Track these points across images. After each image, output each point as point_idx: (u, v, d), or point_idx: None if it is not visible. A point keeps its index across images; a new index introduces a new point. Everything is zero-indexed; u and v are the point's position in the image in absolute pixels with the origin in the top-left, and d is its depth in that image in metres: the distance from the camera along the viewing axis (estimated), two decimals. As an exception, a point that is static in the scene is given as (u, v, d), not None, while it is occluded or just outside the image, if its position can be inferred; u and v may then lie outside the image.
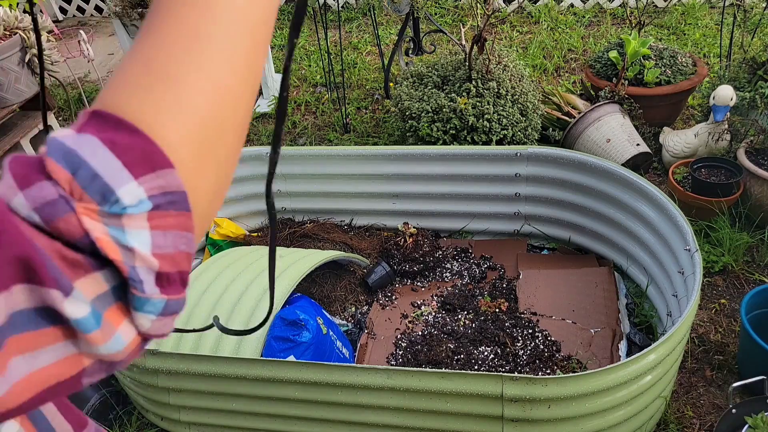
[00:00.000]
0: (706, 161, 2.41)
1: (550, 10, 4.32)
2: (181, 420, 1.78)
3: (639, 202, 2.02)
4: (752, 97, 2.44)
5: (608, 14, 4.22)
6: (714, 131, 2.46)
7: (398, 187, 2.39)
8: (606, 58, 2.90)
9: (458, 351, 1.96)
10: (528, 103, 2.53)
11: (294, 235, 2.44)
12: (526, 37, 4.09)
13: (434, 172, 2.32)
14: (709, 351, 1.95)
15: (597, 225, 2.22)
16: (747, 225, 2.31)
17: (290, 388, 1.58)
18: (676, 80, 2.78)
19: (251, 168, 2.45)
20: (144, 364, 1.65)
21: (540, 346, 1.94)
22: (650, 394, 1.54)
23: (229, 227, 2.43)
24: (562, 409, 1.43)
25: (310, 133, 3.33)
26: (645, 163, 2.63)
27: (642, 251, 2.06)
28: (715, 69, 3.17)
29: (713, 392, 1.84)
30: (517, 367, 1.89)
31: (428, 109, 2.49)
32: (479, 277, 2.30)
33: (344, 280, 2.28)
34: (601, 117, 2.62)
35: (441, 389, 1.46)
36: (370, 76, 3.78)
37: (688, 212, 2.24)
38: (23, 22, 2.64)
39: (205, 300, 1.88)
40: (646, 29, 3.71)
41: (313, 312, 1.87)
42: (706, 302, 2.11)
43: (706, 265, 2.21)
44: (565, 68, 3.67)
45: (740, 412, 1.53)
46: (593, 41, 3.89)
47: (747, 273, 2.20)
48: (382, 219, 2.51)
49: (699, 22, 3.94)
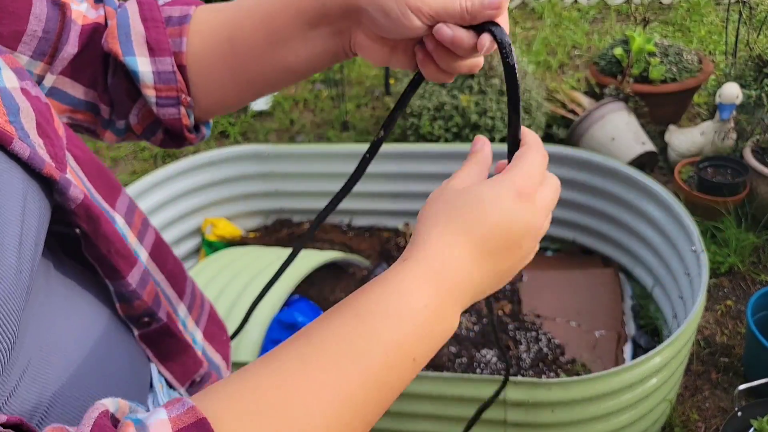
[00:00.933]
0: (712, 160, 2.38)
1: (554, 6, 4.28)
2: (177, 423, 1.76)
3: (644, 202, 2.00)
4: (758, 95, 2.40)
5: (613, 10, 4.18)
6: (720, 130, 2.43)
7: (398, 186, 2.36)
8: (611, 55, 2.86)
9: (460, 354, 1.93)
10: (532, 101, 2.49)
11: (292, 235, 2.41)
12: (529, 33, 4.05)
13: (436, 170, 2.29)
14: (714, 353, 1.92)
15: (601, 225, 2.19)
16: (753, 225, 2.28)
17: (288, 392, 1.55)
18: (682, 78, 2.74)
19: (248, 167, 2.42)
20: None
21: (543, 349, 1.91)
22: (655, 398, 1.51)
23: (226, 228, 2.40)
24: (565, 413, 1.40)
25: (309, 130, 3.30)
26: (650, 162, 2.60)
27: (647, 252, 2.03)
28: (721, 66, 3.13)
29: (719, 395, 1.81)
30: (521, 370, 1.86)
31: (429, 106, 2.46)
32: (481, 277, 2.27)
33: (343, 282, 2.25)
34: (605, 115, 2.59)
35: (442, 393, 1.43)
36: (369, 73, 3.75)
37: (694, 212, 2.20)
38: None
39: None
40: (651, 26, 3.67)
41: (311, 314, 1.85)
42: (712, 304, 2.09)
43: (712, 266, 2.18)
44: (569, 65, 3.64)
45: (746, 415, 1.51)
46: (598, 38, 3.86)
47: (753, 274, 2.17)
48: (382, 219, 2.48)
49: (704, 18, 3.90)
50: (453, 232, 0.44)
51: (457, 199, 0.46)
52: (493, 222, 0.45)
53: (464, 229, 0.44)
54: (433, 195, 0.48)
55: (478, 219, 0.45)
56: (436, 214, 0.46)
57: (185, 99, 0.56)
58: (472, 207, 0.45)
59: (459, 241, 0.44)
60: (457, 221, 0.45)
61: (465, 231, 0.44)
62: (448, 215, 0.45)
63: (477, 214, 0.45)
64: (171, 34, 0.55)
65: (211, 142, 3.29)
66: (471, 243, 0.44)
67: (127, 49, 0.53)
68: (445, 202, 0.46)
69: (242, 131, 3.35)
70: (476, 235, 0.44)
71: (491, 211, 0.45)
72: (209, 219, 2.41)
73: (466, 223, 0.45)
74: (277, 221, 2.54)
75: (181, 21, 0.55)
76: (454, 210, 0.45)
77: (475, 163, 0.50)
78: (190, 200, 2.37)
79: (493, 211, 0.45)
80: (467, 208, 0.45)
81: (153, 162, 3.22)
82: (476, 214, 0.45)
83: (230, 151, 2.39)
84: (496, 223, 0.45)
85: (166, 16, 0.55)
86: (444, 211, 0.46)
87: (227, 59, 0.55)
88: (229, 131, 3.34)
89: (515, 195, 0.46)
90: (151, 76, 0.54)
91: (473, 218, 0.45)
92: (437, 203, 0.47)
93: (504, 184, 0.46)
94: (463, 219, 0.45)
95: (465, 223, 0.45)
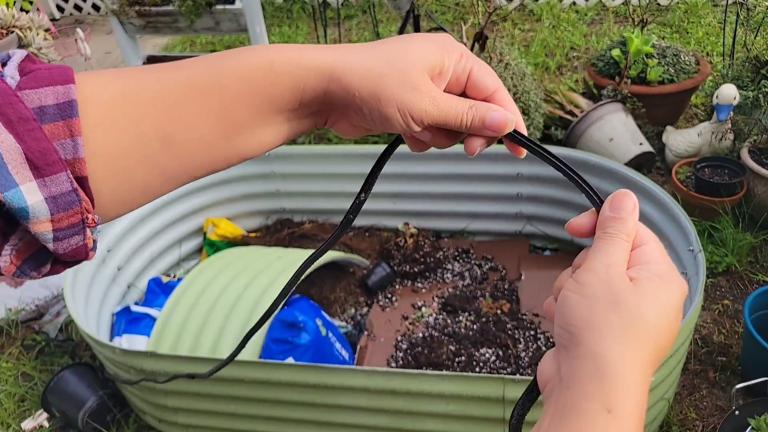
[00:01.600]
0: (709, 161, 2.39)
1: (552, 7, 4.30)
2: (179, 422, 1.76)
3: (642, 202, 2.01)
4: (755, 96, 2.42)
5: (611, 12, 4.20)
6: (717, 130, 2.44)
7: (398, 186, 2.37)
8: (608, 56, 2.87)
9: (459, 353, 1.94)
10: (530, 102, 2.50)
11: (292, 235, 2.42)
12: (527, 34, 4.07)
13: (435, 171, 2.31)
14: (712, 352, 1.93)
15: (599, 225, 2.19)
16: (750, 225, 2.29)
17: (288, 390, 1.56)
18: (679, 79, 2.76)
19: (249, 167, 2.43)
20: (142, 366, 1.63)
21: (542, 348, 1.92)
22: (653, 396, 1.52)
23: (227, 228, 2.41)
24: (564, 413, 1.41)
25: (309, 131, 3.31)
26: (648, 162, 2.61)
27: (645, 252, 2.04)
28: (718, 68, 3.15)
29: (716, 394, 1.82)
30: (519, 369, 1.87)
31: (429, 107, 2.47)
32: (480, 278, 2.28)
33: (344, 282, 2.26)
34: (603, 116, 2.60)
35: (442, 392, 1.44)
36: (370, 75, 3.75)
37: (692, 212, 2.22)
38: (20, 21, 2.62)
39: (203, 301, 1.87)
40: (649, 27, 3.69)
41: (312, 313, 1.86)
42: (710, 303, 2.10)
43: (709, 266, 2.19)
44: (568, 66, 3.65)
45: (743, 413, 1.52)
46: (596, 39, 3.87)
47: (750, 273, 2.18)
48: (382, 219, 2.49)
49: (702, 20, 3.92)
50: (641, 359, 0.40)
51: (634, 306, 0.40)
52: (672, 330, 0.42)
53: (650, 348, 0.40)
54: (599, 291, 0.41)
55: (661, 333, 0.41)
56: (610, 323, 0.40)
57: (92, 220, 0.39)
58: (655, 320, 0.40)
59: (647, 369, 0.40)
60: (642, 338, 0.40)
61: (651, 350, 0.40)
62: (628, 330, 0.40)
63: (661, 329, 0.41)
64: (54, 134, 0.36)
65: (211, 142, 3.29)
66: (656, 363, 0.41)
67: (3, 178, 0.34)
68: (613, 303, 0.40)
69: (242, 132, 3.36)
70: (659, 352, 0.41)
71: (671, 320, 0.41)
72: (211, 219, 2.42)
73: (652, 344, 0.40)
74: (278, 221, 2.55)
75: (63, 112, 0.37)
76: (632, 323, 0.40)
77: (626, 238, 0.43)
78: (192, 200, 2.39)
79: (671, 320, 0.41)
80: (649, 321, 0.40)
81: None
82: (660, 330, 0.41)
83: (231, 151, 2.39)
84: (673, 331, 0.42)
85: (35, 108, 0.36)
86: (619, 320, 0.40)
87: (158, 158, 0.41)
88: (229, 132, 3.34)
89: (683, 296, 0.42)
90: (44, 207, 0.36)
91: (656, 332, 0.40)
92: (600, 303, 0.41)
93: (674, 286, 0.42)
94: (648, 337, 0.40)
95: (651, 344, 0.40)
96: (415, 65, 0.42)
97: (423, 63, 0.43)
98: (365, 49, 0.43)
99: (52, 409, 1.93)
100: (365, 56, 0.42)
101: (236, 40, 4.47)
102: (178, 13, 3.36)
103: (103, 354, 1.74)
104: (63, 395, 1.90)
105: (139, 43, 3.64)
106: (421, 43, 0.44)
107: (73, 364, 2.04)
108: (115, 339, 2.00)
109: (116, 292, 2.15)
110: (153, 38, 4.66)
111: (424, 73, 0.43)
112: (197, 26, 3.42)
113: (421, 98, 0.42)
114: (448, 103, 0.44)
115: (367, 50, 0.43)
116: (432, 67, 0.43)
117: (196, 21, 3.38)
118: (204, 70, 0.41)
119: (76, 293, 1.87)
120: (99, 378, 1.93)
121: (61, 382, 1.91)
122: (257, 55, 0.42)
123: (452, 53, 0.44)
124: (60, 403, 1.90)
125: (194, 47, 4.50)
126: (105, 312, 2.06)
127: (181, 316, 1.84)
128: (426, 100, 0.43)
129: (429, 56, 0.43)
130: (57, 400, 1.91)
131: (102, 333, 1.98)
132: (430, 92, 0.43)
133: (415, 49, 0.43)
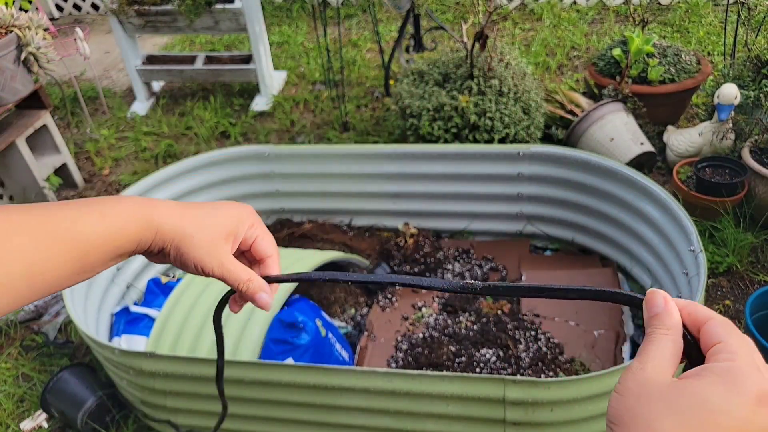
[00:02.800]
0: (710, 161, 2.39)
1: (553, 7, 4.29)
2: (179, 422, 1.76)
3: (643, 202, 2.00)
4: (756, 96, 2.41)
5: (611, 11, 4.19)
6: (718, 130, 2.44)
7: (398, 186, 2.37)
8: (609, 55, 2.87)
9: (459, 353, 1.94)
10: (530, 101, 2.50)
11: (292, 235, 2.41)
12: (528, 34, 4.06)
13: (435, 171, 2.30)
14: (713, 353, 1.93)
15: (600, 225, 2.19)
16: (751, 225, 2.29)
17: (288, 391, 1.56)
18: (680, 78, 2.75)
19: (249, 167, 2.43)
20: (141, 367, 1.62)
21: (543, 349, 1.92)
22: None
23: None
24: (565, 413, 1.41)
25: (309, 131, 3.30)
26: (649, 162, 2.60)
27: (646, 252, 2.04)
28: (719, 67, 3.14)
29: (718, 395, 1.82)
30: (520, 369, 1.86)
31: (429, 107, 2.47)
32: (481, 278, 2.28)
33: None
34: (604, 115, 2.60)
35: (442, 392, 1.44)
36: (369, 74, 3.75)
37: (692, 212, 2.21)
38: (19, 20, 2.61)
39: (202, 301, 1.86)
40: (650, 27, 3.68)
41: (311, 314, 1.85)
42: (711, 303, 2.09)
43: (710, 266, 2.18)
44: (568, 66, 3.65)
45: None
46: (596, 39, 3.86)
47: (751, 274, 2.17)
48: (382, 219, 2.48)
49: (703, 19, 3.91)
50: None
51: (678, 402, 0.38)
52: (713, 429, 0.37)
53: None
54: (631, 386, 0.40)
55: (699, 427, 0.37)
56: (634, 416, 0.39)
57: None
58: (702, 418, 0.37)
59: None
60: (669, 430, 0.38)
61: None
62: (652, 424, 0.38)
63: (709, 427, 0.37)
64: None
65: (212, 142, 3.29)
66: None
67: None
68: (640, 396, 0.39)
69: (243, 132, 3.36)
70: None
71: (726, 422, 0.37)
72: (209, 219, 2.42)
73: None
74: (278, 221, 2.55)
75: None
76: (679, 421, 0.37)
77: (665, 332, 0.43)
78: (192, 200, 2.38)
79: (729, 423, 0.37)
80: (695, 419, 0.37)
81: (154, 162, 3.22)
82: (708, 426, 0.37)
83: (231, 151, 2.39)
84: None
85: None
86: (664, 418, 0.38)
87: (18, 293, 0.47)
88: (229, 132, 3.34)
89: (755, 400, 0.37)
90: None
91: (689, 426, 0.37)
92: (630, 398, 0.40)
93: (737, 385, 0.38)
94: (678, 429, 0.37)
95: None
96: (218, 228, 0.58)
97: (224, 227, 0.58)
98: (189, 211, 0.57)
99: (51, 410, 1.93)
100: (185, 220, 0.56)
101: (236, 39, 4.46)
102: (178, 12, 3.36)
103: (102, 354, 1.74)
104: (62, 396, 1.90)
105: (138, 43, 3.63)
106: (228, 212, 0.59)
107: (73, 364, 2.03)
108: (114, 339, 1.99)
109: (115, 293, 2.14)
110: (152, 37, 4.65)
111: (222, 238, 0.58)
112: (196, 25, 3.41)
113: (212, 261, 0.57)
114: (231, 269, 0.58)
115: (191, 211, 0.57)
116: (229, 232, 0.59)
117: (195, 20, 3.37)
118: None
119: (75, 293, 1.86)
120: (98, 378, 1.92)
121: (61, 383, 1.91)
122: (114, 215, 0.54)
123: (245, 222, 0.60)
124: (59, 403, 1.90)
125: (193, 46, 4.49)
126: (104, 312, 2.06)
127: (181, 317, 1.83)
128: (215, 262, 0.57)
129: (229, 223, 0.59)
130: (56, 400, 1.90)
131: (101, 333, 1.98)
132: (220, 257, 0.58)
133: (222, 215, 0.59)
